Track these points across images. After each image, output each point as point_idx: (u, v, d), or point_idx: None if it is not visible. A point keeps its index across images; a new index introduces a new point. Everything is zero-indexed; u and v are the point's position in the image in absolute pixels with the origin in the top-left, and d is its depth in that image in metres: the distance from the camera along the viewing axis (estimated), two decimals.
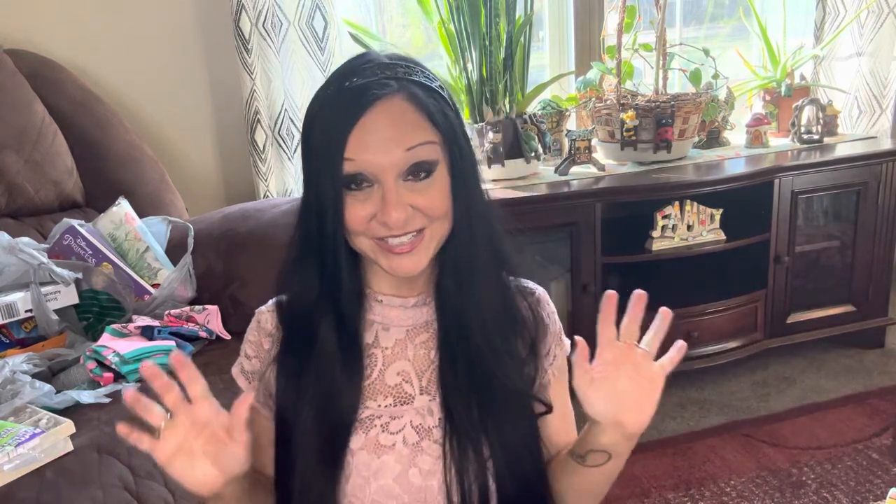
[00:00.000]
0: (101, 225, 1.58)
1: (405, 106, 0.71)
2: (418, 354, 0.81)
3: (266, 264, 1.53)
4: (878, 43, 2.38)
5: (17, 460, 1.00)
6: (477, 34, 1.94)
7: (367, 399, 0.80)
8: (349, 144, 0.69)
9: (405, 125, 0.70)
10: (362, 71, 0.72)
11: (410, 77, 0.72)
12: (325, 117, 0.72)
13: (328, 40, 2.02)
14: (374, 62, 0.73)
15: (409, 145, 0.70)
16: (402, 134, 0.70)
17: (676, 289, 2.15)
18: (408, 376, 0.81)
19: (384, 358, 0.81)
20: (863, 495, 1.62)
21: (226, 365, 1.35)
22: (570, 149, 2.10)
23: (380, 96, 0.70)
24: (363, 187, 0.71)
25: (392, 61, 0.73)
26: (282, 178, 2.07)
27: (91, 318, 1.46)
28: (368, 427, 0.79)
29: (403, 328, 0.82)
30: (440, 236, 0.75)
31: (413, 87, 0.72)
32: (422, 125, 0.71)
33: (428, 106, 0.72)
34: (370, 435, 0.78)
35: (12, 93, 1.68)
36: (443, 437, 0.78)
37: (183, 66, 2.05)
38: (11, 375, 1.19)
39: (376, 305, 0.82)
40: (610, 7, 2.26)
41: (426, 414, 0.79)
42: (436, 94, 0.74)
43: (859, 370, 2.19)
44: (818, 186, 2.10)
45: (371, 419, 0.79)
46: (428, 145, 0.71)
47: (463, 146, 0.75)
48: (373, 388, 0.80)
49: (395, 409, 0.80)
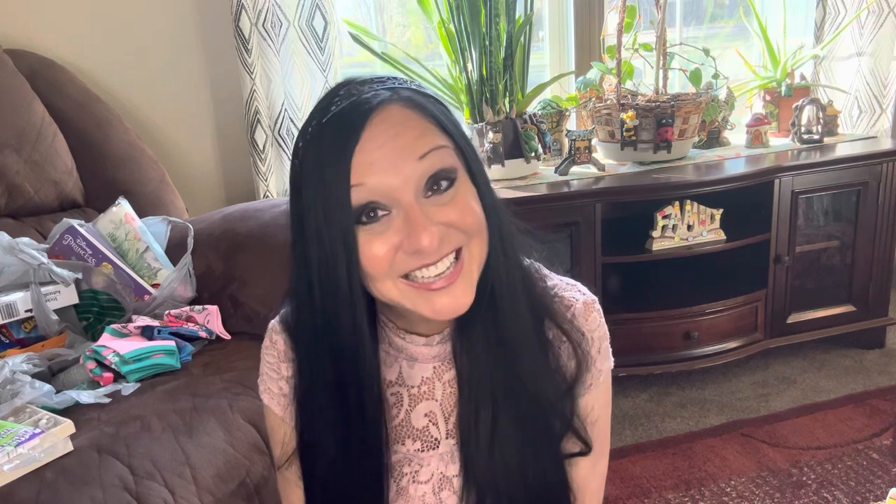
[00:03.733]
0: (101, 225, 1.58)
1: (406, 112, 0.62)
2: (446, 393, 0.73)
3: (266, 264, 1.54)
4: (878, 43, 2.38)
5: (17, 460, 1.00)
6: (477, 34, 1.94)
7: (395, 442, 0.73)
8: (354, 170, 0.59)
9: (411, 132, 0.61)
10: (346, 94, 0.63)
11: (401, 86, 0.64)
12: (315, 153, 0.62)
13: (328, 40, 2.02)
14: (356, 82, 0.64)
15: (421, 152, 0.60)
16: (410, 142, 0.60)
17: (676, 289, 2.15)
18: (434, 418, 0.74)
19: (410, 398, 0.73)
20: (863, 495, 1.62)
21: (226, 365, 1.35)
22: (570, 149, 2.10)
23: (375, 107, 0.61)
24: (378, 217, 0.61)
25: (373, 78, 0.65)
26: (282, 178, 2.07)
27: (91, 318, 1.46)
28: (398, 476, 0.74)
29: (430, 365, 0.73)
30: (481, 256, 0.64)
31: (408, 93, 0.63)
32: (429, 129, 0.62)
33: (430, 109, 0.63)
34: (401, 484, 0.74)
35: (12, 93, 1.68)
36: (461, 490, 0.72)
37: (183, 66, 2.05)
38: (11, 375, 1.19)
39: (396, 340, 0.73)
40: (610, 7, 2.26)
41: (448, 461, 0.74)
42: (433, 98, 0.65)
43: (859, 370, 2.19)
44: (818, 186, 2.10)
45: (401, 465, 0.74)
46: (442, 150, 0.62)
47: (473, 152, 0.67)
48: (400, 430, 0.73)
49: (423, 455, 0.74)
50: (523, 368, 0.69)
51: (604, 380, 0.76)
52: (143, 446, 1.08)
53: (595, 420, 0.76)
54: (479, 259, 0.64)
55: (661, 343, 2.05)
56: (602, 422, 0.77)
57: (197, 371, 1.33)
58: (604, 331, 0.75)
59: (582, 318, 0.73)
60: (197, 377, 1.30)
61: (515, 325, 0.68)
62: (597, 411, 0.76)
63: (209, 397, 1.21)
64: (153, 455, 1.07)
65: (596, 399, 0.76)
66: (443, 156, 0.62)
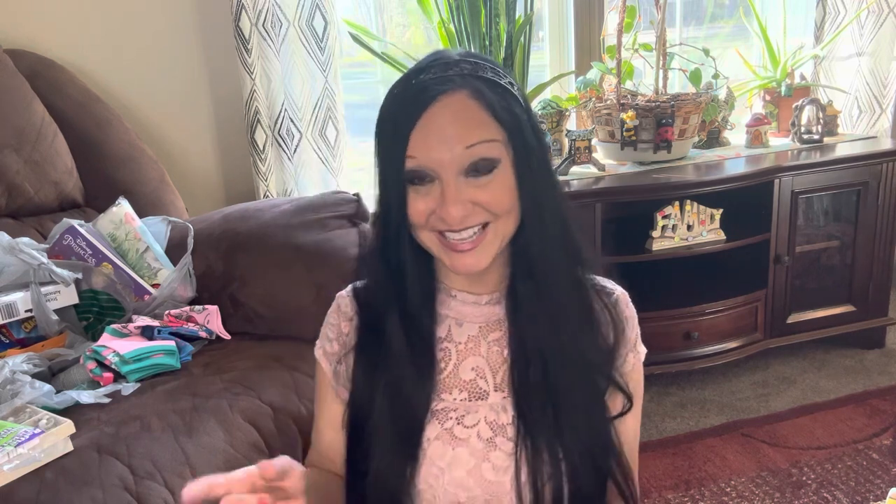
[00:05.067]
0: (101, 225, 1.58)
1: (468, 103, 0.71)
2: (492, 351, 0.81)
3: (266, 264, 1.53)
4: (878, 43, 2.39)
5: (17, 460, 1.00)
6: (477, 34, 1.94)
7: (443, 392, 0.81)
8: (412, 141, 0.70)
9: (467, 122, 0.70)
10: (429, 68, 0.73)
11: (477, 73, 0.72)
12: (391, 113, 0.73)
13: (328, 40, 2.02)
14: (442, 60, 0.73)
15: (470, 143, 0.70)
16: (462, 131, 0.70)
17: (676, 289, 2.15)
18: (482, 372, 0.81)
19: (458, 353, 0.82)
20: (863, 495, 1.62)
21: (226, 365, 1.35)
22: (570, 149, 2.10)
23: (442, 92, 0.70)
24: (425, 182, 0.72)
25: (461, 58, 0.73)
26: (282, 178, 2.07)
27: (91, 318, 1.46)
28: (444, 419, 0.80)
29: (476, 325, 0.82)
30: (504, 233, 0.75)
31: (479, 83, 0.71)
32: (485, 122, 0.71)
33: (492, 102, 0.71)
34: (446, 426, 0.79)
35: (12, 93, 1.68)
36: (516, 436, 0.78)
37: (183, 66, 2.05)
38: (11, 375, 1.19)
39: (449, 300, 0.82)
40: (610, 7, 2.26)
41: (500, 411, 0.80)
42: (504, 90, 0.73)
43: (859, 370, 2.19)
44: (818, 186, 2.10)
45: (446, 411, 0.80)
46: (489, 143, 0.71)
47: (531, 143, 0.74)
48: (448, 381, 0.81)
49: (470, 403, 0.80)
50: (567, 332, 0.77)
51: (639, 363, 0.85)
52: (143, 446, 1.08)
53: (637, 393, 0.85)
54: (502, 235, 0.75)
55: (661, 343, 2.05)
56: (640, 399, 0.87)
57: (197, 371, 1.33)
58: (637, 320, 0.85)
59: (623, 305, 0.84)
60: (197, 377, 1.30)
61: (557, 295, 0.77)
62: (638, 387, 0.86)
63: (209, 397, 1.21)
64: (153, 455, 1.07)
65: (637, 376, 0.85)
66: (489, 148, 0.71)
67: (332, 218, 1.56)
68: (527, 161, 0.73)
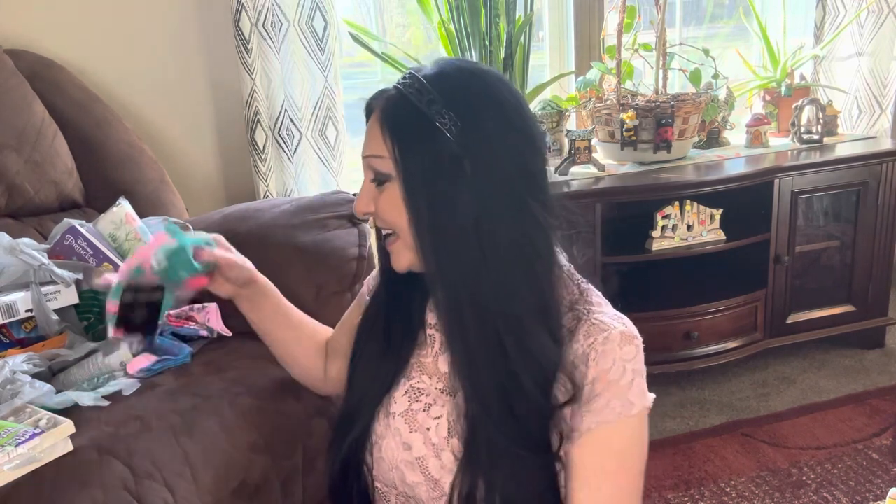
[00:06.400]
0: (102, 225, 1.58)
1: (375, 117, 0.78)
2: None
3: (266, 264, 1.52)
4: (878, 43, 2.39)
5: (17, 460, 1.00)
6: (477, 34, 1.95)
7: (423, 373, 0.86)
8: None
9: (369, 134, 0.79)
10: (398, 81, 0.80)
11: (404, 94, 0.76)
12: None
13: (328, 40, 2.02)
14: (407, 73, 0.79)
15: (364, 154, 0.80)
16: (365, 141, 0.80)
17: (676, 289, 2.15)
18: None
19: (441, 344, 0.85)
20: (863, 495, 1.62)
21: (226, 365, 1.35)
22: (570, 149, 2.10)
23: (375, 103, 0.80)
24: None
25: (410, 75, 0.78)
26: (282, 178, 2.07)
27: (91, 318, 1.46)
28: (415, 399, 0.84)
29: None
30: (405, 250, 0.79)
31: (395, 101, 0.77)
32: (377, 138, 0.77)
33: (389, 120, 0.76)
34: (413, 407, 0.83)
35: (12, 93, 1.68)
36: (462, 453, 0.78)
37: (183, 66, 2.05)
38: (11, 375, 1.19)
39: None
40: (610, 7, 2.26)
41: (461, 414, 0.79)
42: (417, 112, 0.74)
43: (859, 370, 2.19)
44: (818, 186, 2.10)
45: (419, 392, 0.84)
46: (378, 159, 0.78)
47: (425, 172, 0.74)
48: (429, 365, 0.86)
49: (442, 396, 0.83)
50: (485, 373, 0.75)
51: (637, 414, 0.75)
52: (143, 446, 1.08)
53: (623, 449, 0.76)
54: (405, 250, 0.79)
55: (661, 343, 2.05)
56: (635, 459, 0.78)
57: (197, 371, 1.33)
58: (640, 367, 0.76)
59: (616, 345, 0.74)
60: (197, 377, 1.30)
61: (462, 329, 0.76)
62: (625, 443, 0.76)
63: (209, 397, 1.21)
64: (153, 455, 1.07)
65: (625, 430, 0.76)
66: (377, 162, 0.78)
67: (332, 218, 1.56)
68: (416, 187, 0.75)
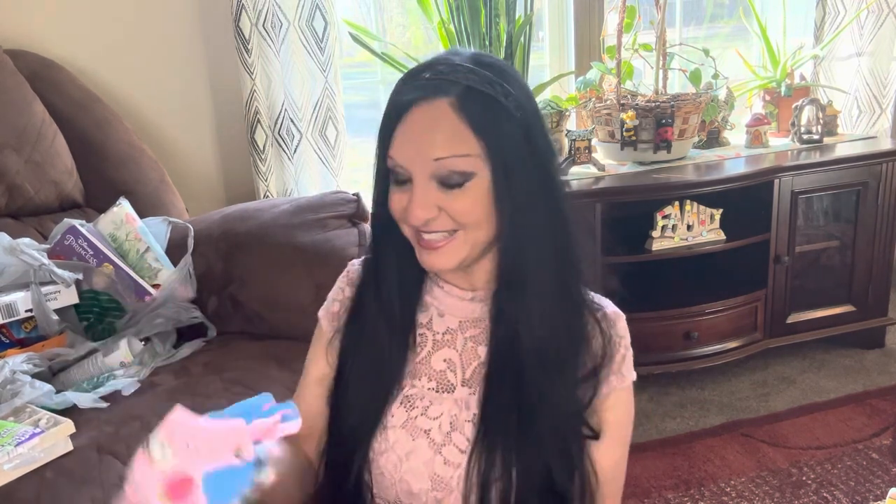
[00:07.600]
0: (102, 225, 1.58)
1: (448, 113, 0.70)
2: (466, 347, 0.82)
3: (266, 264, 1.53)
4: (878, 43, 2.39)
5: (17, 460, 1.00)
6: (477, 34, 1.94)
7: (414, 377, 0.83)
8: (394, 140, 0.72)
9: (442, 133, 0.70)
10: (428, 68, 0.73)
11: (468, 82, 0.70)
12: (386, 108, 0.75)
13: (328, 40, 2.02)
14: (442, 62, 0.73)
15: (438, 156, 0.70)
16: (434, 142, 0.70)
17: (676, 289, 2.15)
18: (453, 365, 0.82)
19: (434, 342, 0.83)
20: (863, 495, 1.62)
21: (226, 365, 1.35)
22: (569, 149, 2.10)
23: (424, 97, 0.70)
24: (403, 180, 0.73)
25: (461, 62, 0.72)
26: (282, 178, 2.07)
27: (91, 319, 1.46)
28: (410, 406, 0.81)
29: (457, 318, 0.83)
30: (476, 241, 0.74)
31: (465, 92, 0.70)
32: (460, 134, 0.70)
33: (473, 115, 0.69)
34: (411, 415, 0.81)
35: (12, 93, 1.68)
36: (474, 437, 0.78)
37: (183, 66, 2.05)
38: (11, 375, 1.19)
39: (436, 289, 0.84)
40: (610, 7, 2.26)
41: (463, 407, 0.80)
42: (493, 102, 0.70)
43: (859, 370, 2.19)
44: (818, 186, 2.10)
45: (413, 399, 0.82)
46: (462, 158, 0.70)
47: (514, 161, 0.72)
48: (420, 367, 0.83)
49: (437, 395, 0.81)
50: (548, 344, 0.76)
51: (626, 387, 0.82)
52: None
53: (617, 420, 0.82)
54: (473, 243, 0.74)
55: (661, 343, 2.05)
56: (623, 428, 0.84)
57: (197, 371, 1.33)
58: (629, 342, 0.82)
59: (611, 322, 0.82)
60: (197, 377, 1.30)
61: (539, 306, 0.76)
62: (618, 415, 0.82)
63: (209, 397, 1.21)
64: None
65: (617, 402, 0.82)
66: (461, 162, 0.70)
67: (332, 218, 1.57)
68: (508, 177, 0.72)
